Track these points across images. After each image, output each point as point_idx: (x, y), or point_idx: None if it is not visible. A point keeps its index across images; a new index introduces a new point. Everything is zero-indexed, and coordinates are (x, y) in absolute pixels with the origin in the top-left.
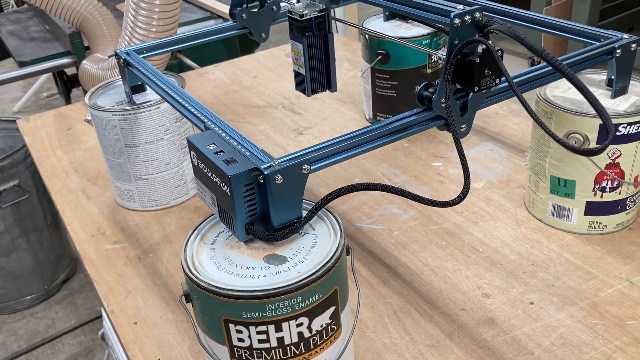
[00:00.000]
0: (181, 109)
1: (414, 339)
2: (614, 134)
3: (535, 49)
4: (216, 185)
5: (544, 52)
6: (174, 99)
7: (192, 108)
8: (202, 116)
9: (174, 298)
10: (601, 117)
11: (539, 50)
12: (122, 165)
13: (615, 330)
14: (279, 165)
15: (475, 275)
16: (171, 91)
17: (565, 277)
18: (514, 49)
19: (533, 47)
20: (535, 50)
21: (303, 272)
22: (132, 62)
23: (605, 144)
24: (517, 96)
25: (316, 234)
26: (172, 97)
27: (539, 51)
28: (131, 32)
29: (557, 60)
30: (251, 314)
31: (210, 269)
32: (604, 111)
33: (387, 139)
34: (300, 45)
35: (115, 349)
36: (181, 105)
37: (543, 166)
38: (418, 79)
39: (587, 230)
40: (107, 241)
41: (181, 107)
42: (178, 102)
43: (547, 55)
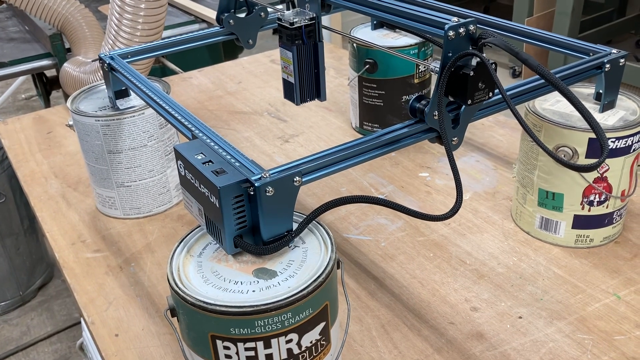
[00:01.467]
0: (168, 116)
1: (402, 353)
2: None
3: (529, 63)
4: (204, 197)
5: (539, 66)
6: (160, 106)
7: (180, 116)
8: (190, 124)
9: (157, 310)
10: (596, 133)
11: (534, 65)
12: (104, 172)
13: (603, 345)
14: (270, 177)
15: (463, 288)
16: (157, 98)
17: (553, 291)
18: (495, 59)
19: (527, 62)
20: (530, 64)
21: (293, 287)
22: (117, 66)
23: (601, 160)
24: (511, 110)
25: (306, 247)
26: (158, 104)
27: (533, 65)
28: (115, 36)
29: (552, 74)
30: (239, 330)
31: (197, 283)
32: (598, 127)
33: (379, 151)
34: (290, 54)
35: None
36: (168, 113)
37: (531, 179)
38: (405, 89)
39: (575, 243)
40: (88, 249)
41: (168, 114)
42: (164, 109)
43: (542, 69)
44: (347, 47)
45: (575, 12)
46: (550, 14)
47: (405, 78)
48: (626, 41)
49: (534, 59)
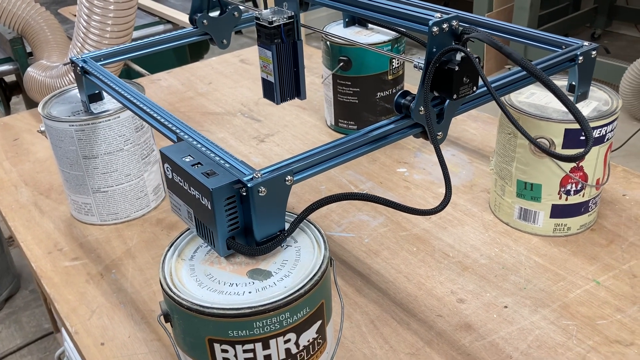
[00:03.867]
0: (149, 119)
1: (394, 347)
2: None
3: (514, 57)
4: (194, 199)
5: (523, 60)
6: (141, 109)
7: (162, 118)
8: (174, 127)
9: (143, 316)
10: (580, 123)
11: (518, 59)
12: (79, 178)
13: (587, 330)
14: (262, 177)
15: (448, 281)
16: (137, 100)
17: (536, 280)
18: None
19: (512, 55)
20: (514, 58)
21: (290, 286)
22: (91, 69)
23: (587, 150)
24: (497, 102)
25: (299, 246)
26: (138, 107)
27: (517, 59)
28: (83, 39)
29: (536, 67)
30: (238, 332)
31: (192, 286)
32: (582, 118)
33: (367, 147)
34: (269, 53)
35: None
36: (149, 116)
37: (509, 171)
38: (380, 86)
39: (553, 232)
40: (66, 258)
41: (149, 117)
42: (146, 112)
43: (526, 63)
44: (315, 45)
45: (534, 7)
46: (510, 9)
47: (379, 75)
48: (582, 34)
49: (518, 53)
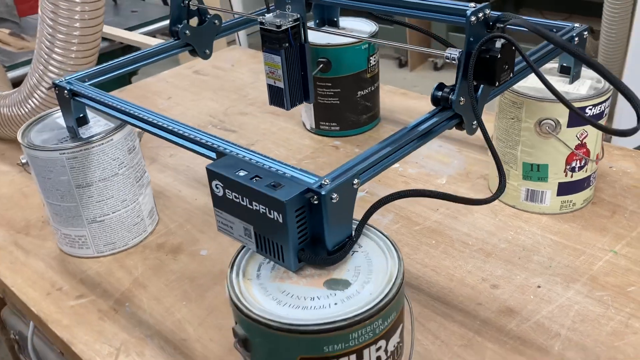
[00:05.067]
0: (175, 138)
1: (445, 342)
2: None
3: (556, 41)
4: (257, 215)
5: (563, 41)
6: (163, 128)
7: (193, 134)
8: (211, 142)
9: (175, 347)
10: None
11: (560, 42)
12: (72, 210)
13: (621, 299)
14: (331, 183)
15: (476, 269)
16: (156, 119)
17: (558, 257)
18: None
19: (554, 39)
20: (556, 42)
21: (376, 292)
22: (81, 91)
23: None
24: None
25: (365, 250)
26: (158, 127)
27: (560, 42)
28: (45, 66)
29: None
30: (333, 346)
31: (271, 306)
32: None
33: (417, 142)
34: (278, 58)
35: None
36: (176, 135)
37: (514, 154)
38: (359, 84)
39: (560, 209)
40: (69, 297)
41: (176, 136)
42: (171, 131)
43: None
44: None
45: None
46: None
47: (359, 74)
48: None
49: (557, 36)
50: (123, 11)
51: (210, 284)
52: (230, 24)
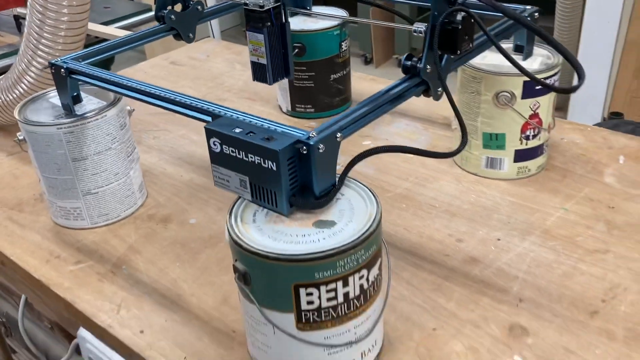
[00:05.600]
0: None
1: (417, 287)
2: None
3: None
4: (253, 166)
5: (517, 14)
6: (160, 97)
7: (189, 100)
8: (207, 106)
9: (172, 301)
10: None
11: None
12: (68, 182)
13: (570, 247)
14: (318, 136)
15: (442, 227)
16: (151, 89)
17: (516, 215)
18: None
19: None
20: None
21: (358, 229)
22: (78, 69)
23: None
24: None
25: (347, 197)
26: (154, 96)
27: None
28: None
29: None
30: (323, 273)
31: (268, 242)
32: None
33: (390, 105)
34: (260, 36)
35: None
36: (173, 102)
37: (475, 125)
38: (332, 68)
39: (517, 175)
40: (67, 263)
41: (171, 104)
42: (167, 99)
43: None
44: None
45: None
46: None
47: (331, 58)
48: None
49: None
50: (96, 7)
51: (201, 247)
52: (212, 10)
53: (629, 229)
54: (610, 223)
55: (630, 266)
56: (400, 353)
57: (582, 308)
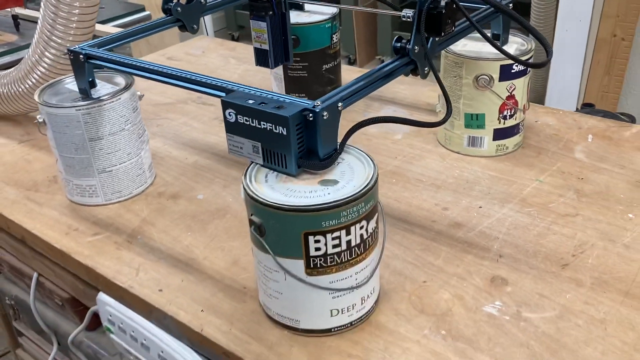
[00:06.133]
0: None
1: (408, 247)
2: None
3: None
4: (265, 132)
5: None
6: (177, 77)
7: (204, 78)
8: (220, 83)
9: (186, 264)
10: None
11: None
12: (84, 161)
13: (544, 212)
14: (322, 105)
15: (429, 198)
16: (166, 70)
17: (495, 187)
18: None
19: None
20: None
21: (358, 185)
22: (96, 54)
23: (549, 58)
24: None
25: (347, 161)
26: (170, 76)
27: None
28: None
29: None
30: (329, 222)
31: (280, 197)
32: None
33: (383, 81)
34: (263, 24)
35: (133, 321)
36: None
37: (457, 107)
38: (324, 59)
39: (496, 152)
40: (85, 235)
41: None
42: (185, 78)
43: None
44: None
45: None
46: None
47: (324, 49)
48: None
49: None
50: None
51: (210, 219)
52: (214, 3)
53: (596, 196)
54: (579, 192)
55: (597, 227)
56: (394, 301)
57: (555, 261)
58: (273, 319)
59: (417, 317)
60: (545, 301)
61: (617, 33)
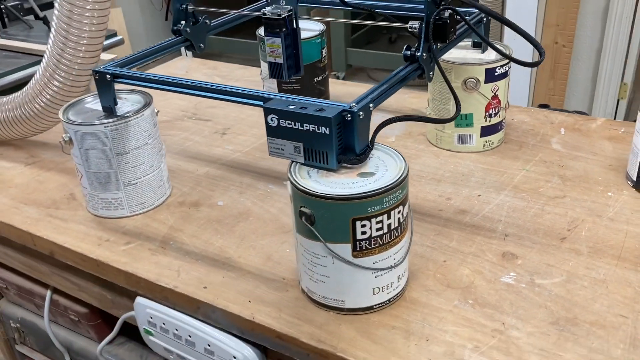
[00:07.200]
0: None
1: (423, 234)
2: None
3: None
4: (307, 133)
5: (487, 8)
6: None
7: (240, 90)
8: (256, 93)
9: (223, 263)
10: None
11: (485, 8)
12: (111, 175)
13: (536, 196)
14: (357, 106)
15: (432, 190)
16: (201, 84)
17: (488, 178)
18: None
19: (481, 7)
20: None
21: (394, 175)
22: (122, 73)
23: (541, 60)
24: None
25: (378, 156)
26: (206, 90)
27: (485, 9)
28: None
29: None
30: (374, 207)
31: (327, 189)
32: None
33: (400, 85)
34: (278, 40)
35: (177, 319)
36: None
37: (447, 109)
38: (315, 72)
39: (483, 148)
40: (118, 245)
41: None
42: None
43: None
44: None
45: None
46: None
47: (314, 63)
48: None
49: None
50: None
51: (235, 222)
52: (218, 23)
53: (578, 179)
54: (563, 177)
55: (584, 205)
56: (422, 279)
57: (554, 236)
58: (318, 302)
59: (445, 291)
60: (552, 269)
61: (559, 40)
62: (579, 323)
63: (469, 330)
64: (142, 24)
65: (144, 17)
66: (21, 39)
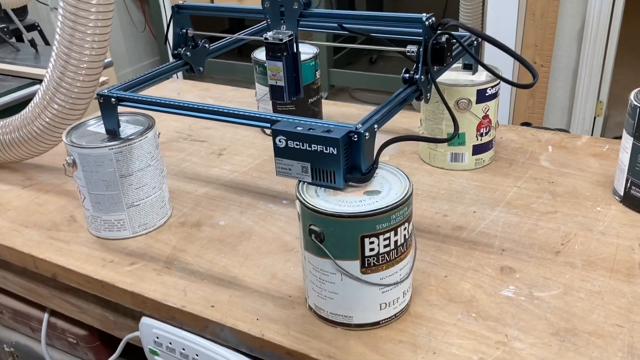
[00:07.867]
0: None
1: (423, 250)
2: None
3: (475, 32)
4: (315, 154)
5: (480, 32)
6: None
7: (247, 112)
8: (263, 115)
9: (229, 282)
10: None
11: (478, 32)
12: (114, 197)
13: (529, 211)
14: (363, 127)
15: (430, 207)
16: (207, 107)
17: (482, 195)
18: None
19: (475, 31)
20: (475, 32)
21: (400, 193)
22: (127, 97)
23: (534, 82)
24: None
25: (382, 175)
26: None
27: (478, 32)
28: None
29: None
30: (382, 225)
31: (335, 207)
32: (527, 62)
33: (400, 106)
34: (279, 63)
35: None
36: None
37: (440, 128)
38: (310, 93)
39: (475, 166)
40: (122, 265)
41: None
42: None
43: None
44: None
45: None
46: None
47: (309, 85)
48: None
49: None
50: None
51: (237, 241)
52: (216, 46)
53: (568, 195)
54: (553, 193)
55: (575, 220)
56: (425, 294)
57: (548, 250)
58: (326, 318)
59: (447, 305)
60: (549, 282)
61: (537, 60)
62: (579, 333)
63: (473, 342)
64: (123, 46)
65: (125, 38)
66: (9, 62)
